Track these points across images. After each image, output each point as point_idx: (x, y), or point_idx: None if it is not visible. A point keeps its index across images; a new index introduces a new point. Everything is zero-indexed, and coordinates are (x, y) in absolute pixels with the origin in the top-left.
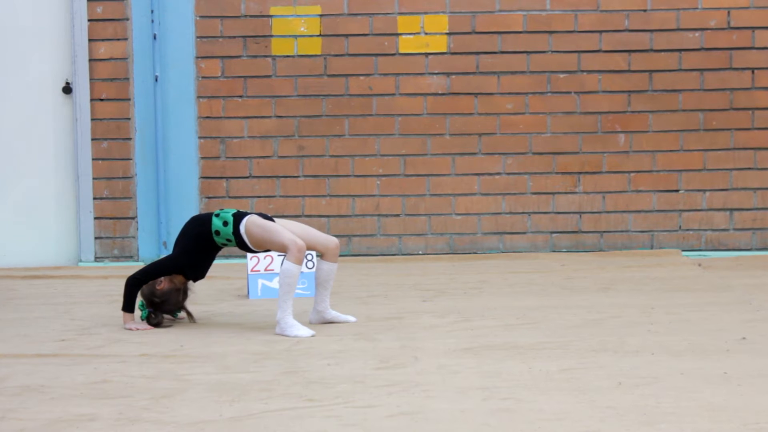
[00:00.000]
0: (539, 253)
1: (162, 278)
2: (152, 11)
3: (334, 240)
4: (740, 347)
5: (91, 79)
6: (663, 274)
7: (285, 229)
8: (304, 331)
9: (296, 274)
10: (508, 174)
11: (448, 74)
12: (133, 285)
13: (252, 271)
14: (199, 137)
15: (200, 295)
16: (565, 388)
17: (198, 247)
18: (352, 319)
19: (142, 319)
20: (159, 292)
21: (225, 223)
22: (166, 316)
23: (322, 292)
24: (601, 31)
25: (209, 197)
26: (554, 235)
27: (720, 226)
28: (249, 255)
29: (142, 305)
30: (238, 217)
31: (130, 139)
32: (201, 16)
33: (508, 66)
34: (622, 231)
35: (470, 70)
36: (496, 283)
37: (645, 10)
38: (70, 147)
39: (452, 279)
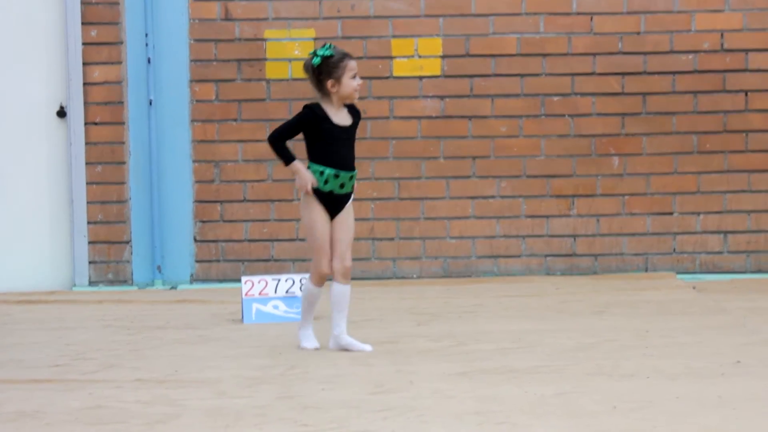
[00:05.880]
0: (534, 277)
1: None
2: (146, 35)
3: (342, 263)
4: (735, 371)
5: (85, 103)
6: (658, 298)
7: (326, 243)
8: (308, 343)
9: (314, 294)
10: (503, 197)
11: (442, 97)
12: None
13: (246, 295)
14: (194, 161)
15: (194, 319)
16: (561, 412)
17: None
18: (368, 348)
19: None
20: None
21: (317, 177)
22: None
23: (335, 315)
24: (594, 54)
25: (203, 221)
26: (549, 258)
27: (714, 249)
28: (243, 279)
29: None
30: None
31: (124, 162)
32: (195, 40)
33: (502, 89)
34: (616, 254)
35: (464, 93)
36: (490, 306)
37: (638, 33)
38: (65, 171)
39: (447, 303)
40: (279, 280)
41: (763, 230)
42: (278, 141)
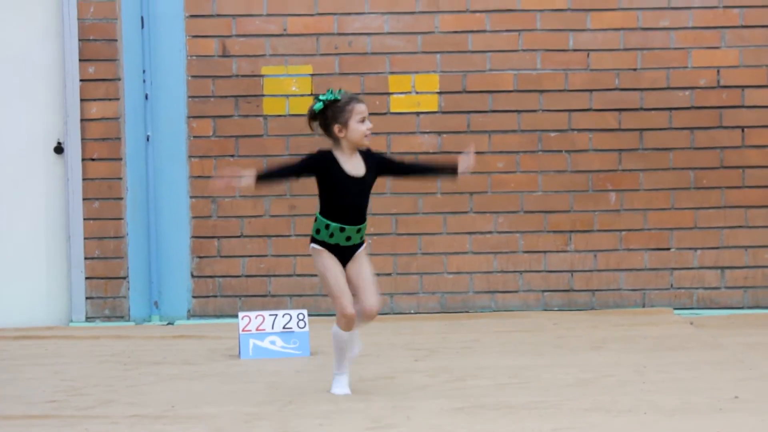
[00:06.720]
0: (531, 312)
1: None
2: (144, 71)
3: (370, 306)
4: (733, 406)
5: (82, 139)
6: (655, 333)
7: (343, 284)
8: (338, 389)
9: (343, 339)
10: (500, 233)
11: (439, 133)
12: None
13: (243, 330)
14: (191, 197)
15: (191, 354)
16: None
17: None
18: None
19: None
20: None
21: (322, 230)
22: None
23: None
24: (591, 90)
25: (201, 257)
26: (546, 293)
27: (712, 284)
28: (240, 314)
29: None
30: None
31: (121, 198)
32: (193, 76)
33: (499, 125)
34: (613, 289)
35: (461, 129)
36: (488, 342)
37: (635, 69)
38: (62, 207)
39: (444, 338)
40: (276, 316)
41: (760, 266)
42: (269, 169)
